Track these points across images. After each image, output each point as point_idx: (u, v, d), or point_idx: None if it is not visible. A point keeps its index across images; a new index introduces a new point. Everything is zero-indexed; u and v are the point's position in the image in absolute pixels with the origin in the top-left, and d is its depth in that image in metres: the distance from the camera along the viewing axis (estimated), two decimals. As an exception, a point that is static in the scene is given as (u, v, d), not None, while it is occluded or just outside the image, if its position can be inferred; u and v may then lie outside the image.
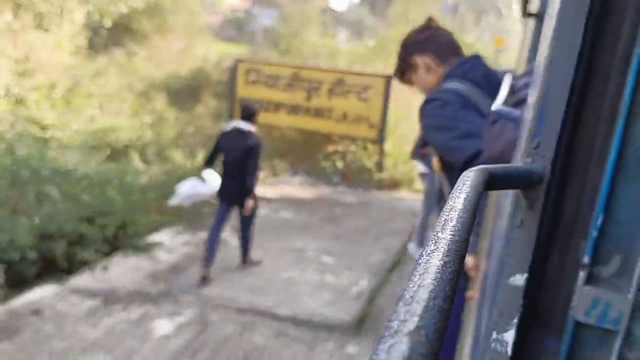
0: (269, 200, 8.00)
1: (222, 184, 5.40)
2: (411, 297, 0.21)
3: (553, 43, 0.43)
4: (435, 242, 0.25)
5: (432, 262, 0.23)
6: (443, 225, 0.28)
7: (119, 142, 8.87)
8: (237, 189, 5.26)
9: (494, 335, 0.41)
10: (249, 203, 5.27)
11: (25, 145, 6.49)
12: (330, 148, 10.26)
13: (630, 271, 0.39)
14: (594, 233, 0.39)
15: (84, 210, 5.55)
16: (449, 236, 0.26)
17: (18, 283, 4.93)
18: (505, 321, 0.41)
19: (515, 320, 0.40)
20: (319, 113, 9.45)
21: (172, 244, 6.19)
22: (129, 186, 6.40)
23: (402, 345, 0.19)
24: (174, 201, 6.12)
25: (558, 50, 0.41)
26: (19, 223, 4.95)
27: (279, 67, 9.96)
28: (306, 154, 10.40)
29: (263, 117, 9.81)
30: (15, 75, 10.56)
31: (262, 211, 6.65)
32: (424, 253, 0.25)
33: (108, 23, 13.01)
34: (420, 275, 0.23)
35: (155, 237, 6.22)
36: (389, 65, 13.19)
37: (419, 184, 9.62)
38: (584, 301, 0.39)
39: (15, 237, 4.79)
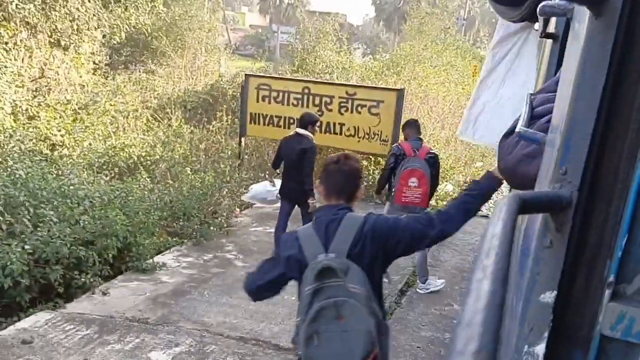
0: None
1: (282, 185, 6.31)
2: (469, 321, 0.24)
3: (580, 72, 0.46)
4: (483, 269, 0.29)
5: (482, 288, 0.27)
6: (488, 252, 0.31)
7: (130, 160, 8.93)
8: (295, 189, 6.03)
9: (526, 348, 0.44)
10: (310, 201, 5.92)
11: (25, 165, 6.44)
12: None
13: (653, 289, 0.41)
14: (619, 254, 0.42)
15: (83, 233, 5.48)
16: (493, 264, 0.29)
17: (11, 310, 4.80)
18: (536, 335, 0.43)
19: (546, 335, 0.43)
20: (330, 128, 9.48)
21: (175, 266, 6.13)
22: (132, 206, 6.34)
23: None
24: (246, 196, 7.49)
25: (584, 79, 0.44)
26: (12, 248, 4.78)
27: (289, 82, 10.03)
28: (318, 169, 10.42)
29: (274, 132, 9.88)
30: (29, 93, 10.73)
31: (270, 230, 6.61)
32: (474, 279, 0.29)
33: (121, 38, 13.20)
34: (474, 301, 0.26)
35: (158, 259, 6.15)
36: (401, 79, 13.29)
37: (434, 201, 9.61)
38: (610, 316, 0.42)
39: (8, 263, 4.63)
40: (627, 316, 0.42)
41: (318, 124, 6.37)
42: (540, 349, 0.43)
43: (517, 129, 0.83)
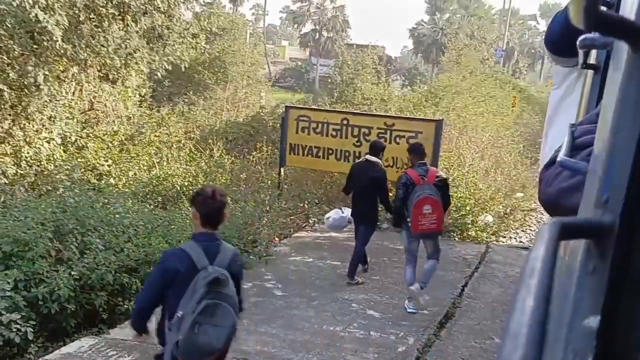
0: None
1: (354, 208, 6.87)
2: (515, 332, 0.26)
3: (620, 103, 0.48)
4: (528, 287, 0.31)
5: (527, 304, 0.29)
6: (531, 272, 0.33)
7: (173, 189, 9.14)
8: (365, 211, 6.56)
9: (570, 373, 0.44)
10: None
11: (74, 194, 6.69)
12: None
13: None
14: (662, 280, 0.43)
15: (127, 260, 5.61)
16: (537, 282, 0.31)
17: (57, 335, 4.92)
18: (580, 360, 0.44)
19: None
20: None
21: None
22: (174, 234, 6.48)
23: None
24: (326, 226, 8.00)
25: (625, 110, 0.46)
26: (59, 274, 4.95)
27: (328, 114, 10.16)
28: (357, 199, 10.44)
29: (314, 162, 9.98)
30: (79, 124, 11.18)
31: (309, 259, 6.63)
32: (518, 297, 0.31)
33: (162, 74, 13.69)
34: (519, 315, 0.28)
35: (199, 286, 6.23)
36: (440, 110, 13.29)
37: (473, 232, 9.47)
38: (655, 342, 0.43)
39: (56, 288, 4.80)
40: (672, 343, 0.43)
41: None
42: (585, 374, 0.44)
43: (558, 159, 0.84)
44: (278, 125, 11.22)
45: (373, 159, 6.59)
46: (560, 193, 0.98)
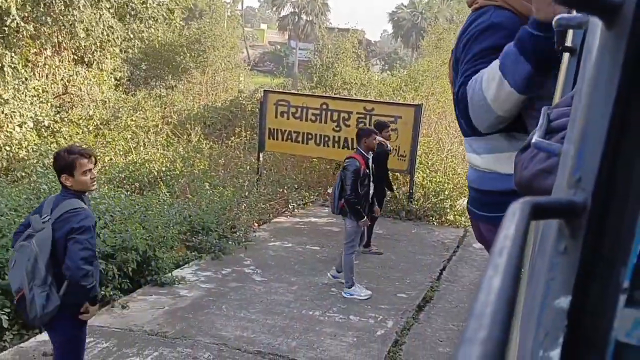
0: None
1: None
2: (480, 312, 0.25)
3: (592, 81, 0.47)
4: (495, 267, 0.30)
5: (493, 284, 0.28)
6: (500, 251, 0.32)
7: (150, 175, 9.03)
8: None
9: (541, 353, 0.44)
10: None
11: (48, 180, 6.57)
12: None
13: (668, 295, 0.42)
14: (634, 259, 0.42)
15: (104, 247, 5.54)
16: (505, 262, 0.30)
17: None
18: (551, 340, 0.44)
19: (561, 340, 0.43)
20: (347, 144, 9.51)
21: (194, 280, 6.14)
22: (152, 220, 6.41)
23: (475, 350, 0.24)
24: None
25: (597, 89, 0.45)
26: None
27: (307, 98, 10.12)
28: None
29: (293, 147, 9.94)
30: (53, 109, 10.95)
31: (288, 244, 6.64)
32: (485, 276, 0.30)
33: (135, 53, 13.43)
34: (485, 294, 0.27)
35: (177, 273, 6.17)
36: (419, 95, 13.31)
37: (452, 216, 9.56)
38: (625, 323, 0.42)
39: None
40: (643, 322, 0.42)
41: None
42: (555, 354, 0.43)
43: (532, 141, 0.84)
44: (257, 109, 11.14)
45: (380, 138, 6.73)
46: (536, 175, 0.98)
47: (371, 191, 6.14)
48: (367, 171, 5.94)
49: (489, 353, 0.23)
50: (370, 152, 6.01)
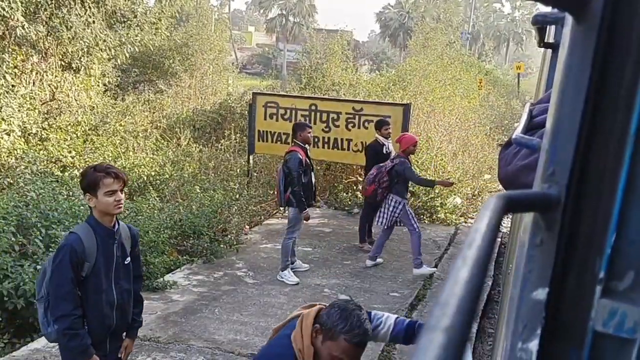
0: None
1: None
2: (445, 301, 0.26)
3: (564, 76, 0.48)
4: (464, 259, 0.30)
5: (460, 275, 0.28)
6: (470, 244, 0.32)
7: (139, 179, 8.98)
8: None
9: (520, 345, 0.45)
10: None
11: (37, 187, 6.52)
12: (350, 179, 10.31)
13: (643, 285, 0.43)
14: (608, 251, 0.43)
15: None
16: (474, 254, 0.31)
17: (25, 331, 4.82)
18: (529, 332, 0.44)
19: (539, 331, 0.44)
20: (337, 144, 9.52)
21: (186, 284, 6.12)
22: (142, 225, 6.38)
23: (438, 338, 0.24)
24: None
25: (568, 83, 0.46)
26: (24, 269, 4.82)
27: (296, 100, 10.11)
28: (326, 185, 10.46)
29: (283, 149, 9.91)
30: (40, 116, 10.87)
31: (280, 246, 6.65)
32: (454, 267, 0.30)
33: (126, 58, 13.37)
34: (451, 285, 0.27)
35: (169, 278, 6.15)
36: (408, 94, 13.34)
37: (442, 214, 9.58)
38: (602, 313, 0.43)
39: (21, 284, 4.68)
40: (619, 312, 0.43)
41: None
42: (534, 345, 0.44)
43: (513, 136, 0.85)
44: (246, 112, 11.11)
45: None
46: (518, 171, 0.99)
47: (313, 180, 6.44)
48: (308, 162, 6.21)
49: (451, 340, 0.24)
50: (306, 144, 6.28)
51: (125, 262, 3.02)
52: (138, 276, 3.20)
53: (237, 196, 8.75)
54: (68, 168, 9.21)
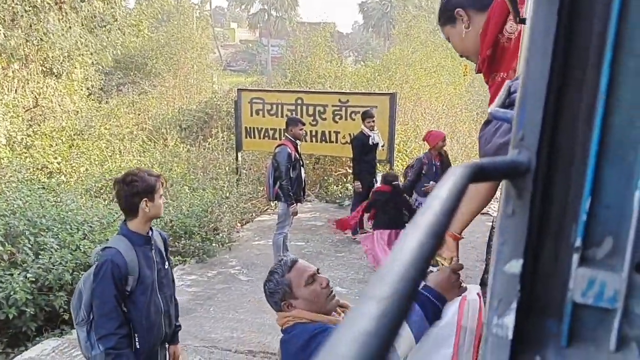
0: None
1: None
2: (387, 270, 0.23)
3: (530, 37, 0.45)
4: (414, 225, 0.28)
5: (408, 242, 0.26)
6: (424, 211, 0.30)
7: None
8: None
9: (495, 321, 0.42)
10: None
11: (23, 195, 6.45)
12: (340, 171, 10.29)
13: (622, 250, 0.40)
14: (584, 217, 0.41)
15: (84, 258, 5.44)
16: (427, 220, 0.28)
17: (17, 341, 4.78)
18: (504, 307, 0.42)
19: (514, 305, 0.42)
20: (325, 137, 9.49)
21: (180, 284, 6.01)
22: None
23: (371, 309, 0.22)
24: None
25: (534, 43, 0.43)
26: (14, 277, 4.77)
27: (282, 94, 10.06)
28: (316, 178, 10.43)
29: (270, 145, 9.87)
30: (24, 123, 10.76)
31: (270, 242, 6.62)
32: (404, 234, 0.28)
33: (107, 62, 13.25)
34: (397, 252, 0.25)
35: (161, 279, 6.13)
36: (394, 83, 13.31)
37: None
38: (580, 283, 0.41)
39: (12, 293, 4.63)
40: (598, 281, 0.41)
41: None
42: (509, 320, 0.42)
43: (489, 110, 0.83)
44: (232, 109, 11.04)
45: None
46: (498, 149, 0.97)
47: (303, 175, 6.37)
48: (297, 156, 6.19)
49: (385, 312, 0.21)
50: (297, 140, 6.24)
51: (165, 267, 2.94)
52: (173, 279, 3.13)
53: (227, 194, 8.71)
54: (54, 174, 9.12)
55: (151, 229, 2.89)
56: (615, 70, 0.39)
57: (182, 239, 7.00)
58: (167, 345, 3.06)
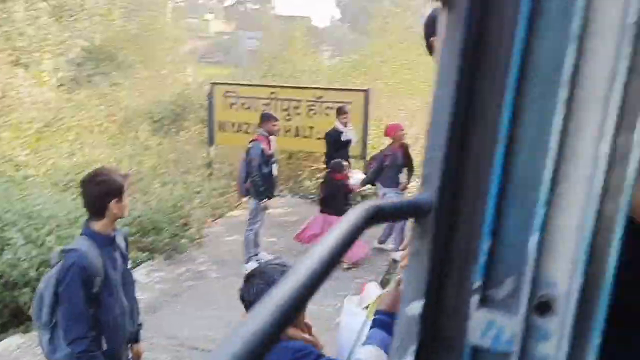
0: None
1: None
2: (257, 312, 0.23)
3: (437, 71, 0.45)
4: (309, 257, 0.28)
5: (287, 285, 0.25)
6: (311, 254, 0.30)
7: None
8: None
9: (395, 362, 0.42)
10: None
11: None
12: (314, 167, 10.27)
13: (521, 292, 0.40)
14: (484, 258, 0.41)
15: (50, 253, 5.37)
16: (319, 254, 0.28)
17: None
18: (404, 348, 0.42)
19: (414, 347, 0.41)
20: (299, 132, 9.46)
21: (147, 281, 6.00)
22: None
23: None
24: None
25: (440, 80, 0.43)
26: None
27: (256, 88, 9.99)
28: (290, 174, 10.40)
29: (244, 139, 9.80)
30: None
31: (241, 238, 6.60)
32: (286, 277, 0.28)
33: (77, 52, 12.99)
34: (289, 278, 0.25)
35: (129, 276, 6.06)
36: (369, 79, 13.33)
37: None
38: (479, 325, 0.41)
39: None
40: (497, 324, 0.41)
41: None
42: (409, 362, 0.42)
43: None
44: (206, 102, 10.93)
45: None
46: None
47: (274, 172, 6.36)
48: (271, 152, 6.19)
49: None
50: (271, 136, 6.27)
51: (127, 267, 2.94)
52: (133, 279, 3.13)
53: (199, 189, 8.63)
54: (21, 167, 8.92)
55: (114, 229, 2.86)
56: (516, 113, 0.39)
57: (151, 234, 6.91)
58: (130, 345, 3.05)
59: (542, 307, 0.42)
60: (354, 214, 0.38)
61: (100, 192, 2.67)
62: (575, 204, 0.39)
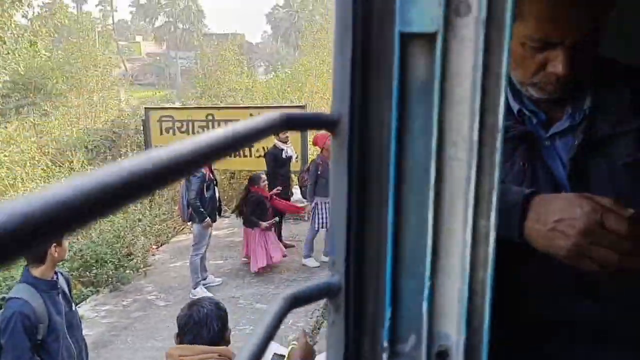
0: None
1: None
2: None
3: (332, 176, 0.54)
4: (250, 344, 0.35)
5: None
6: (248, 342, 0.38)
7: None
8: None
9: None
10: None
11: None
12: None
13: (422, 345, 0.50)
14: (388, 323, 0.50)
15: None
16: (251, 346, 0.36)
17: None
18: (328, 405, 0.50)
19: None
20: (240, 153, 9.48)
21: (94, 316, 5.90)
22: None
23: None
24: None
25: (335, 185, 0.52)
26: None
27: (192, 111, 9.96)
28: (233, 194, 10.38)
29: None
30: None
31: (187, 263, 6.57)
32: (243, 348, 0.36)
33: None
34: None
35: (74, 313, 5.91)
36: (305, 94, 13.50)
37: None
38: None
39: None
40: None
41: None
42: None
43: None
44: (141, 127, 10.77)
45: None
46: None
47: (217, 195, 6.46)
48: (212, 176, 6.30)
49: None
50: None
51: (72, 310, 2.91)
52: (79, 320, 3.10)
53: (140, 217, 8.49)
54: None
55: (56, 272, 2.83)
56: (399, 209, 0.49)
57: (94, 268, 6.75)
58: None
59: (441, 355, 0.52)
60: (276, 304, 0.47)
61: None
62: (453, 274, 0.49)
